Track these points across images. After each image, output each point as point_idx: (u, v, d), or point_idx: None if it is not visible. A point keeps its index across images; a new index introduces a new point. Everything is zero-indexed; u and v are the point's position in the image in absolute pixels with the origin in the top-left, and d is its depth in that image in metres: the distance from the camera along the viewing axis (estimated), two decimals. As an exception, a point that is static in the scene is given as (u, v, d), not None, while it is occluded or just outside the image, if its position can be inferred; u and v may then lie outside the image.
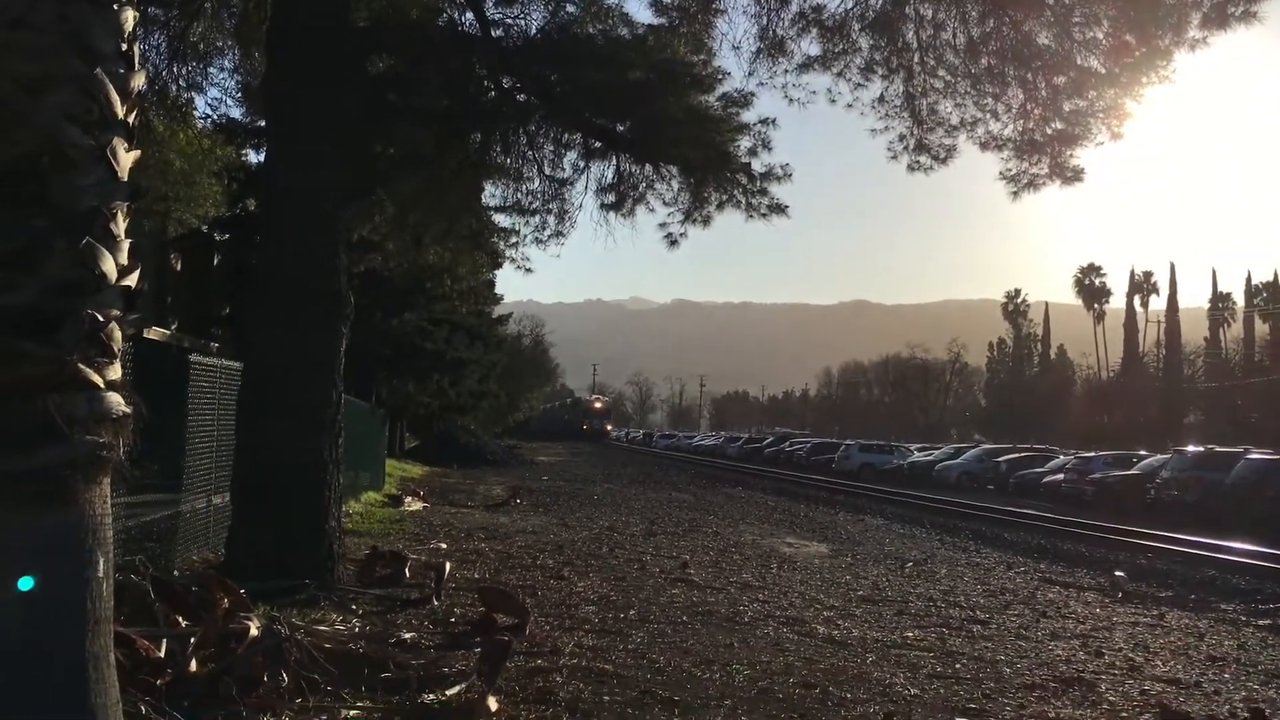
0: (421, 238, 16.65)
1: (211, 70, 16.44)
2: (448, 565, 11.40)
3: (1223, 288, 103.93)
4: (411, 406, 42.61)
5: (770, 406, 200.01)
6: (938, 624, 10.74)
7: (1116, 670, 8.84)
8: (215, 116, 22.96)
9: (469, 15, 13.20)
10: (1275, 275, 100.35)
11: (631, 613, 10.26)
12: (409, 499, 22.88)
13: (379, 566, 11.41)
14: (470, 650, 7.82)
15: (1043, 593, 13.85)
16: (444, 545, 15.26)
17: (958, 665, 8.62)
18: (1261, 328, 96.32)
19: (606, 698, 6.84)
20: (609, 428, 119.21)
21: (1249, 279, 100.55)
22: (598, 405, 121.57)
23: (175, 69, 15.42)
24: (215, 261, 34.56)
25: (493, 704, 6.22)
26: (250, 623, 6.48)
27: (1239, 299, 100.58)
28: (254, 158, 27.32)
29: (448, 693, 6.47)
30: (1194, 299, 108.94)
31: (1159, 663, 9.34)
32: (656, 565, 14.23)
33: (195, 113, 21.24)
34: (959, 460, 48.17)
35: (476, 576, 12.17)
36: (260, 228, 12.90)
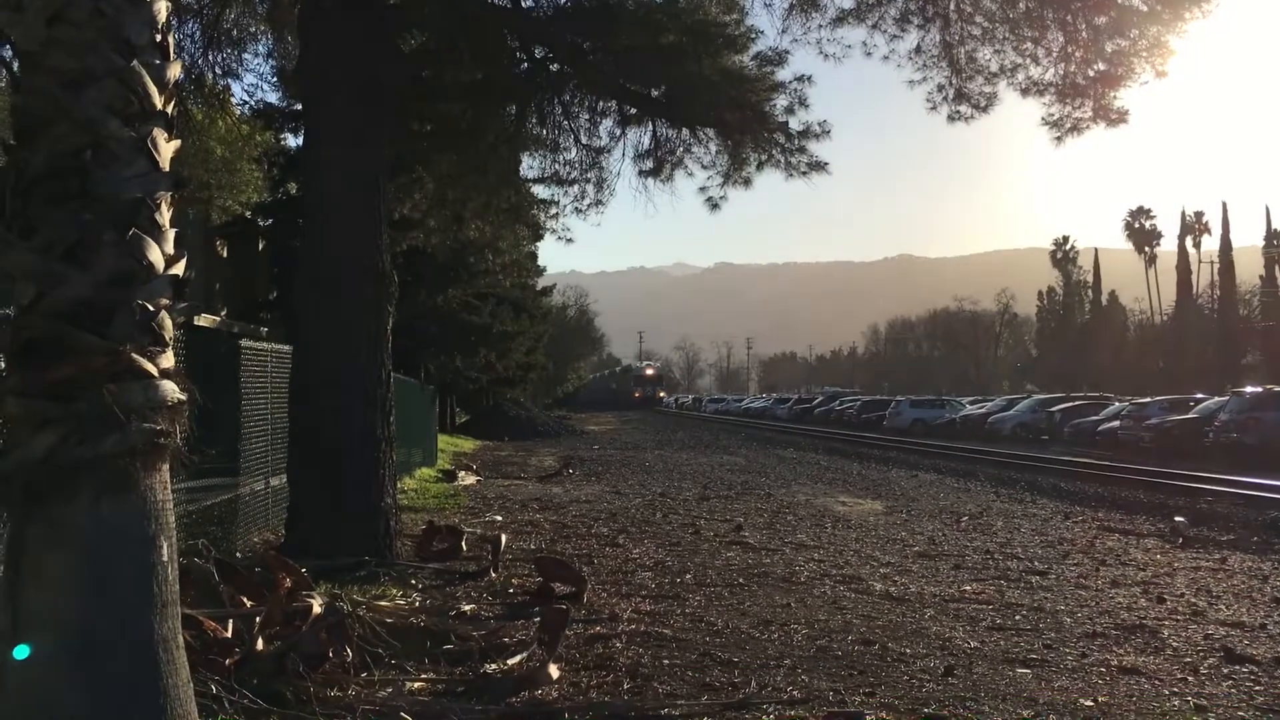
0: (461, 213, 16.68)
1: (246, 56, 16.58)
2: (504, 537, 11.51)
3: (1277, 225, 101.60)
4: (460, 382, 42.93)
5: (818, 366, 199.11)
6: (995, 576, 10.69)
7: (1179, 616, 8.76)
8: (253, 102, 23.16)
9: (499, -13, 13.15)
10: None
11: (687, 577, 10.31)
12: (462, 473, 23.09)
13: (436, 541, 11.53)
14: (529, 620, 7.90)
15: (1101, 541, 13.73)
16: (499, 517, 15.40)
17: (1017, 617, 8.58)
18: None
19: (666, 661, 6.88)
20: (662, 395, 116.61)
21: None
22: (649, 372, 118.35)
23: (210, 56, 15.51)
24: (260, 247, 34.91)
25: (554, 671, 6.29)
26: (313, 600, 6.58)
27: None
28: (293, 142, 27.48)
29: (509, 662, 6.55)
30: (1248, 238, 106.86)
31: (1222, 607, 9.23)
32: (710, 529, 14.28)
33: (233, 99, 21.43)
34: (1012, 412, 47.75)
35: (532, 547, 12.28)
36: (302, 211, 13.00)
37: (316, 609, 6.40)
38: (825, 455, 33.47)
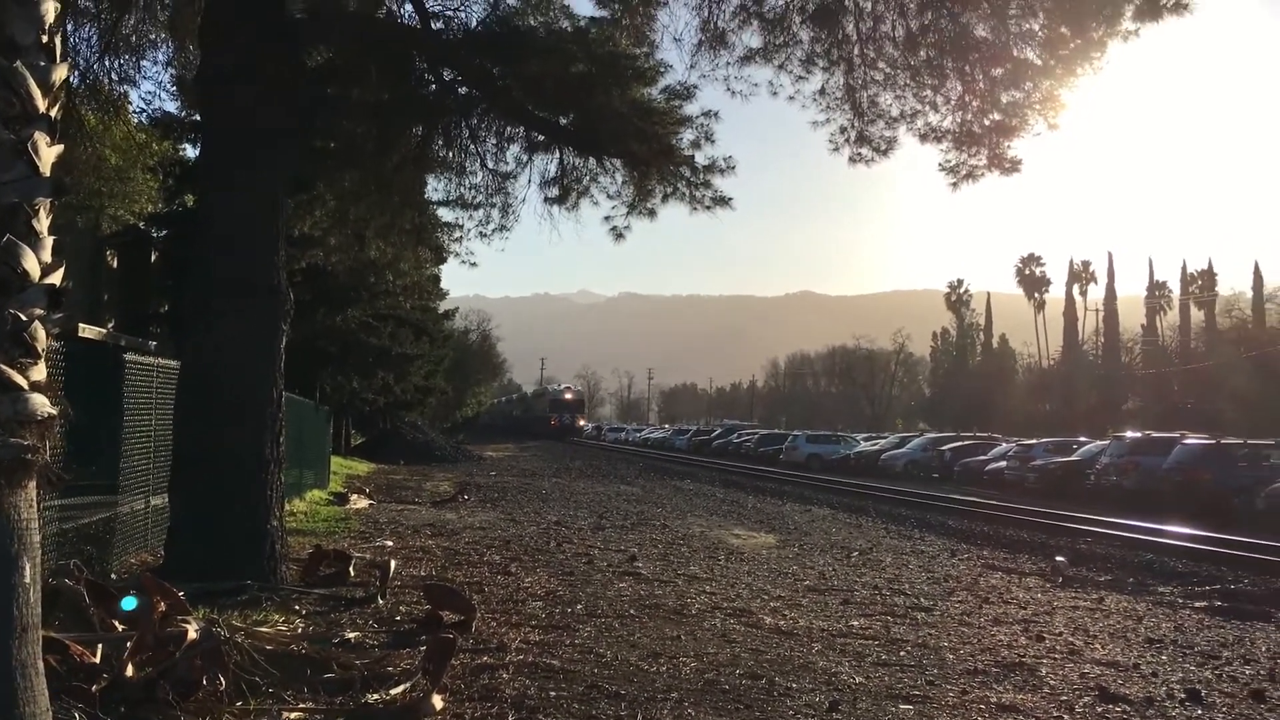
0: (363, 233, 16.49)
1: (145, 64, 16.18)
2: (393, 563, 11.30)
3: (1159, 276, 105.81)
4: (357, 403, 42.26)
5: (718, 398, 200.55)
6: (882, 612, 10.83)
7: (1057, 654, 8.97)
8: (150, 111, 22.58)
9: (408, 7, 13.10)
10: (1209, 264, 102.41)
11: (579, 607, 10.24)
12: (355, 496, 22.67)
13: (323, 565, 11.27)
14: (415, 649, 7.76)
15: (985, 579, 14.03)
16: (390, 543, 15.13)
17: (902, 653, 8.70)
18: (1197, 315, 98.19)
19: (553, 693, 6.81)
20: (581, 422, 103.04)
21: (1184, 268, 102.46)
22: (569, 396, 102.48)
23: (107, 62, 15.13)
24: (152, 258, 33.96)
25: (437, 702, 6.17)
26: (188, 625, 6.36)
27: (1174, 287, 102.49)
28: (191, 152, 26.86)
29: (392, 692, 6.41)
30: (1132, 288, 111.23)
31: (1098, 646, 9.49)
32: (604, 559, 14.22)
33: (130, 107, 20.87)
34: (904, 449, 48.70)
35: (422, 574, 12.07)
36: (198, 223, 12.68)
37: (192, 634, 6.18)
38: (722, 487, 33.67)
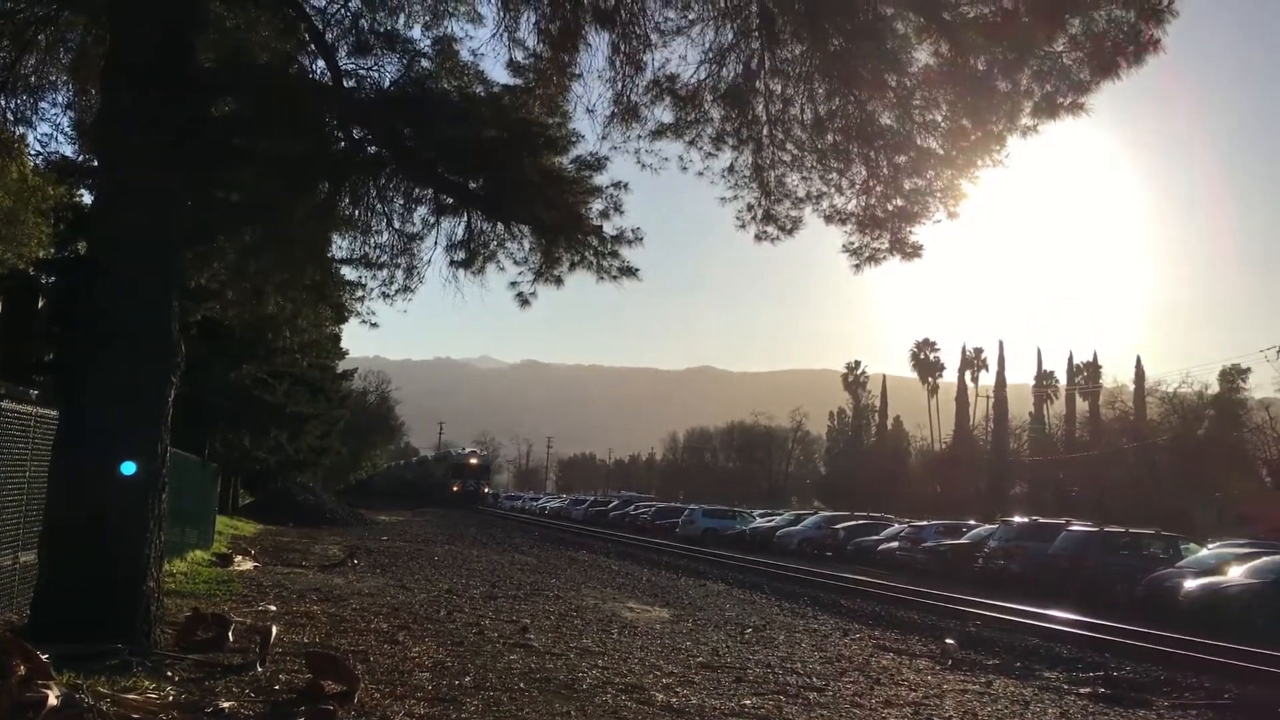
0: (262, 288, 16.13)
1: (44, 105, 15.73)
2: (274, 629, 10.90)
3: (1046, 366, 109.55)
4: (247, 461, 41.13)
5: (616, 469, 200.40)
6: (775, 691, 10.76)
7: (946, 737, 8.99)
8: (46, 153, 21.92)
9: (321, 64, 12.96)
10: (1094, 356, 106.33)
11: (467, 679, 9.97)
12: (239, 558, 21.94)
13: (200, 630, 10.81)
14: (294, 720, 7.44)
15: (877, 660, 14.07)
16: (273, 607, 14.62)
17: (794, 733, 8.63)
18: (1082, 405, 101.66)
19: (436, 770, 6.57)
20: (486, 489, 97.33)
21: (1070, 358, 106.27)
22: (473, 461, 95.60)
23: (4, 101, 14.69)
24: (40, 304, 32.81)
25: (314, 778, 5.91)
26: (49, 690, 6.01)
27: (1061, 377, 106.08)
28: (87, 198, 26.12)
29: (266, 766, 6.12)
30: (1021, 376, 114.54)
31: (986, 730, 9.54)
32: (495, 630, 13.92)
33: (26, 149, 20.25)
34: (799, 527, 49.00)
35: (306, 641, 11.66)
36: (89, 271, 12.27)
37: (52, 700, 5.85)
38: (617, 559, 33.42)
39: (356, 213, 14.07)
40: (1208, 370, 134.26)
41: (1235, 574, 24.70)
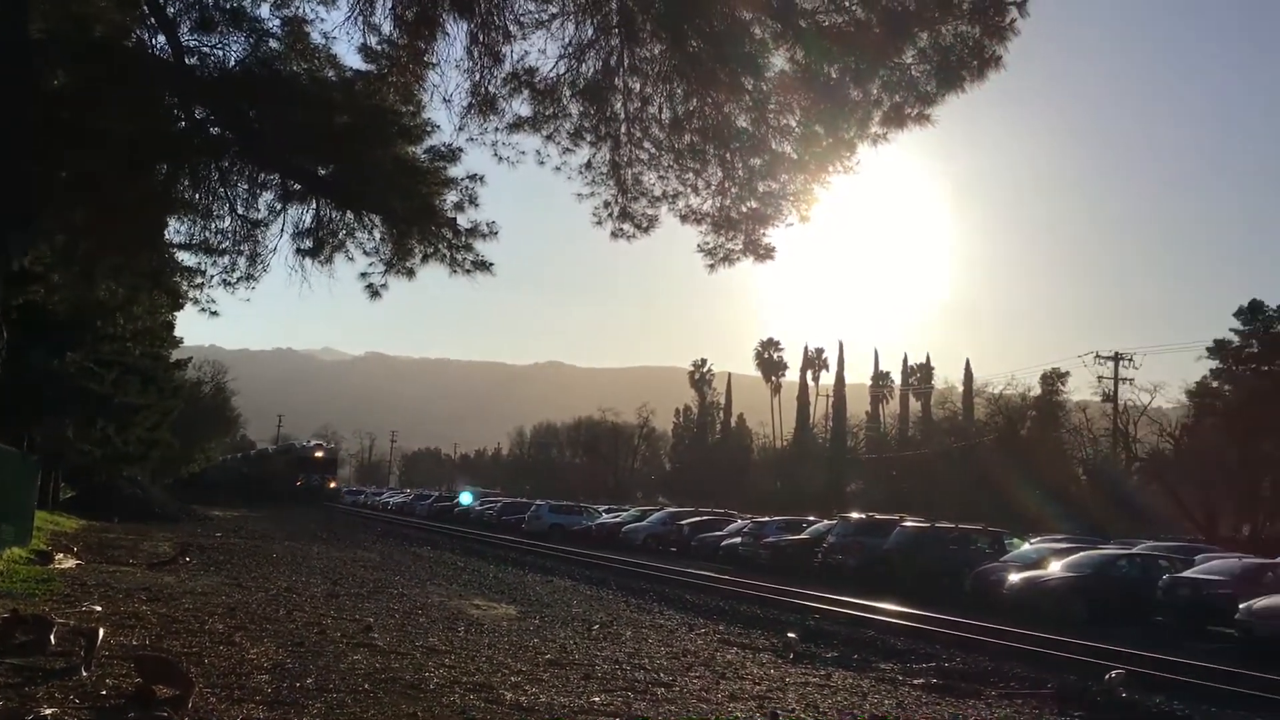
0: (93, 272, 15.36)
1: None
2: (101, 631, 10.36)
3: (883, 367, 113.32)
4: (71, 454, 39.05)
5: (463, 464, 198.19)
6: (623, 687, 10.79)
7: (790, 731, 9.17)
8: None
9: (161, 39, 12.40)
10: (927, 358, 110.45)
11: (309, 681, 9.67)
12: (60, 555, 20.80)
13: (19, 632, 10.20)
14: (123, 727, 7.09)
15: (722, 654, 14.27)
16: (98, 608, 13.90)
17: (643, 730, 8.66)
18: (915, 405, 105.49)
19: (277, 776, 6.35)
20: (333, 484, 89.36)
21: (905, 360, 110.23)
22: (319, 455, 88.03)
23: None
24: None
25: (146, 788, 5.63)
26: None
27: (896, 378, 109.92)
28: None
29: (93, 777, 5.80)
30: (859, 376, 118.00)
31: (828, 722, 9.78)
32: (338, 629, 13.56)
33: None
34: (644, 523, 49.40)
35: (135, 643, 11.12)
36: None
37: None
38: (463, 555, 33.07)
39: (197, 196, 13.54)
40: (1031, 373, 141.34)
41: (1054, 568, 26.06)
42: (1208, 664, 16.26)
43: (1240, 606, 20.94)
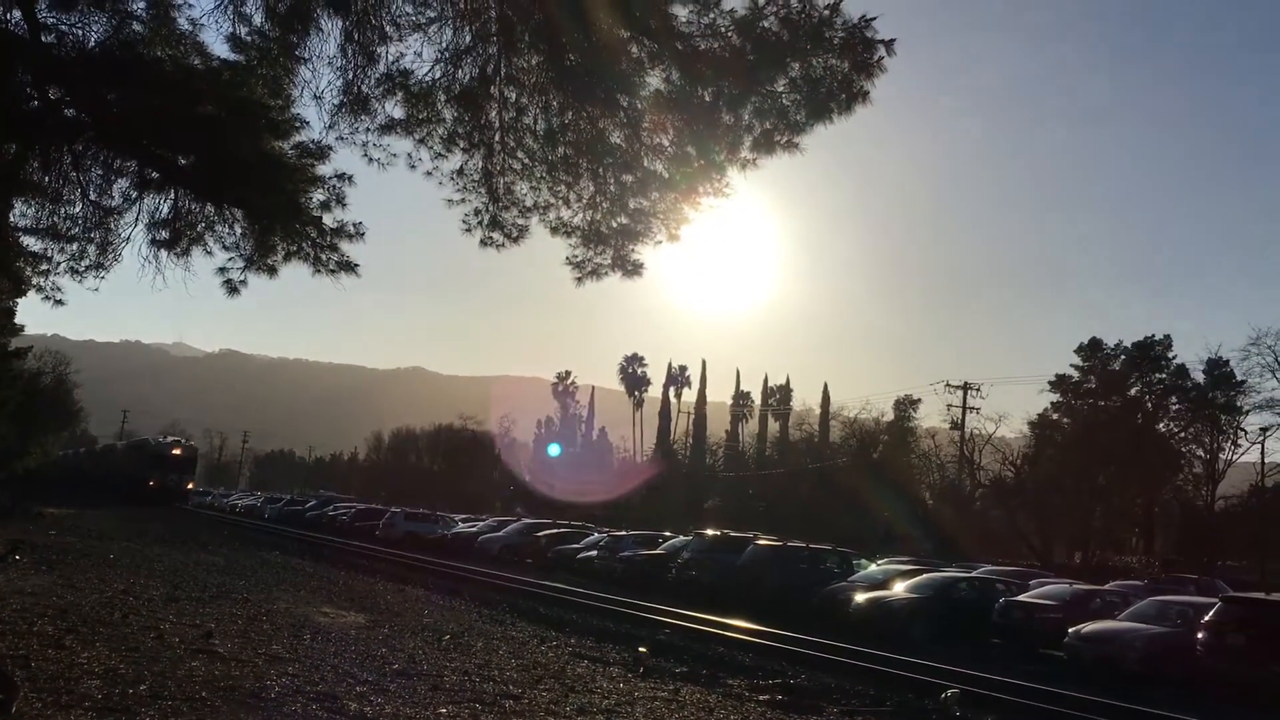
0: (-72, 251, 14.56)
1: None
2: (-81, 631, 9.81)
3: (744, 387, 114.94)
4: (-109, 443, 36.81)
5: (317, 467, 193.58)
6: (471, 699, 10.72)
7: (637, 744, 9.24)
8: None
9: (17, 13, 11.84)
10: (787, 380, 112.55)
11: (143, 688, 9.33)
12: (-125, 551, 19.60)
13: None
14: (-63, 733, 6.72)
15: (573, 667, 14.29)
16: (-84, 607, 13.16)
17: (488, 742, 8.62)
18: (773, 425, 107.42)
19: (104, 786, 6.11)
20: (190, 485, 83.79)
21: (765, 381, 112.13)
22: (176, 452, 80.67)
23: None
24: None
25: (-40, 798, 5.36)
26: None
27: (757, 398, 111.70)
28: None
29: (-98, 786, 5.50)
30: (721, 394, 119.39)
31: (674, 736, 9.88)
32: (176, 634, 13.11)
33: None
34: (502, 533, 49.09)
35: (-45, 645, 10.57)
36: None
37: None
38: (312, 561, 32.30)
39: (47, 179, 12.97)
40: (885, 399, 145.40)
41: (898, 588, 26.87)
42: (1035, 685, 16.98)
43: (1069, 631, 21.95)
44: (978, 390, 69.13)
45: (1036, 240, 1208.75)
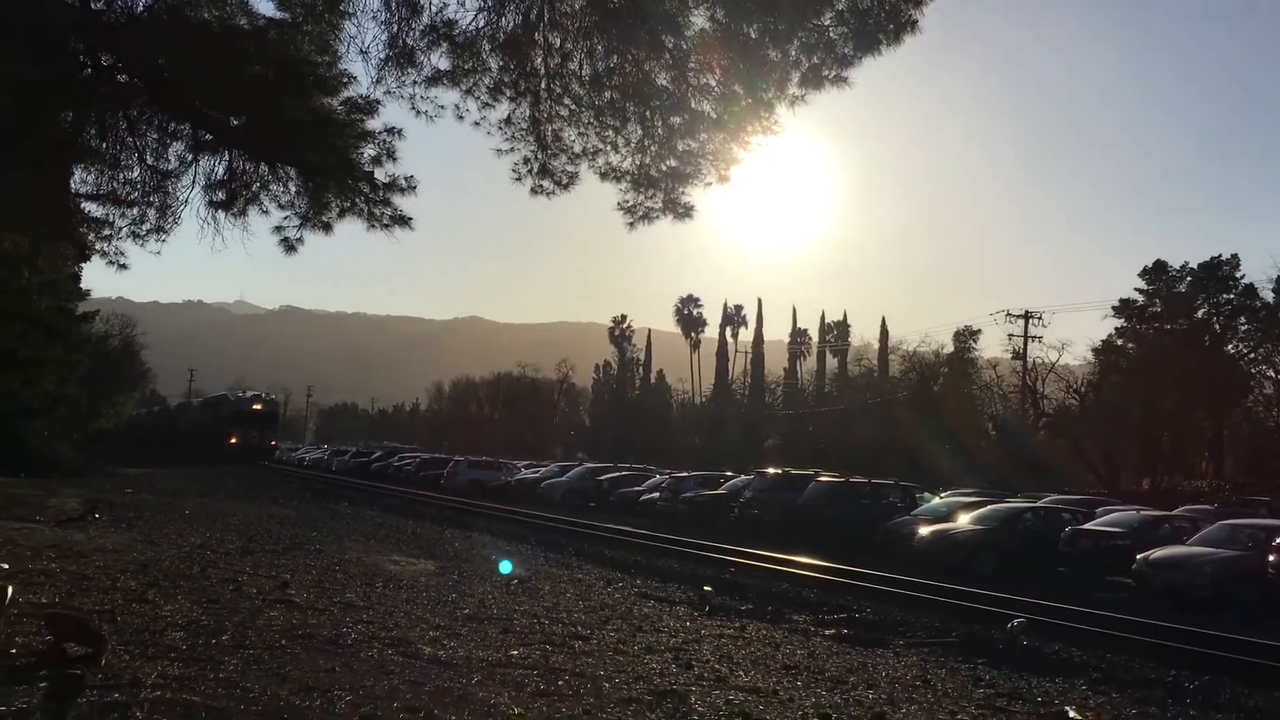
0: (-5, 223, 14.89)
1: None
2: (10, 589, 10.17)
3: (801, 324, 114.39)
4: (-29, 409, 37.90)
5: (380, 419, 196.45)
6: (541, 641, 10.92)
7: (705, 681, 9.38)
8: None
9: (66, -18, 11.98)
10: (844, 315, 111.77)
11: (225, 638, 9.63)
12: (-37, 513, 20.31)
13: (-78, 592, 9.97)
14: (34, 685, 7.01)
15: (639, 607, 14.49)
16: (5, 565, 13.61)
17: (560, 682, 8.80)
18: (832, 361, 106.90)
19: (193, 732, 6.35)
20: (273, 442, 79.73)
21: (823, 317, 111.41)
22: (258, 407, 76.54)
23: None
24: None
25: (59, 746, 5.60)
26: None
27: (814, 335, 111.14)
28: None
29: (4, 736, 5.76)
30: (778, 333, 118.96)
31: (742, 673, 10.01)
32: (254, 586, 13.48)
33: None
34: (564, 478, 49.59)
35: (45, 601, 10.95)
36: None
37: None
38: (380, 511, 32.92)
39: (104, 145, 13.14)
40: (944, 331, 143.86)
41: (963, 521, 26.81)
42: (1103, 612, 16.93)
43: (1138, 557, 21.80)
44: (1039, 318, 68.15)
45: (1096, 163, 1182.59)
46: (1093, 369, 74.86)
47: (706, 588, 17.53)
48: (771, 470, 38.95)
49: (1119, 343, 74.33)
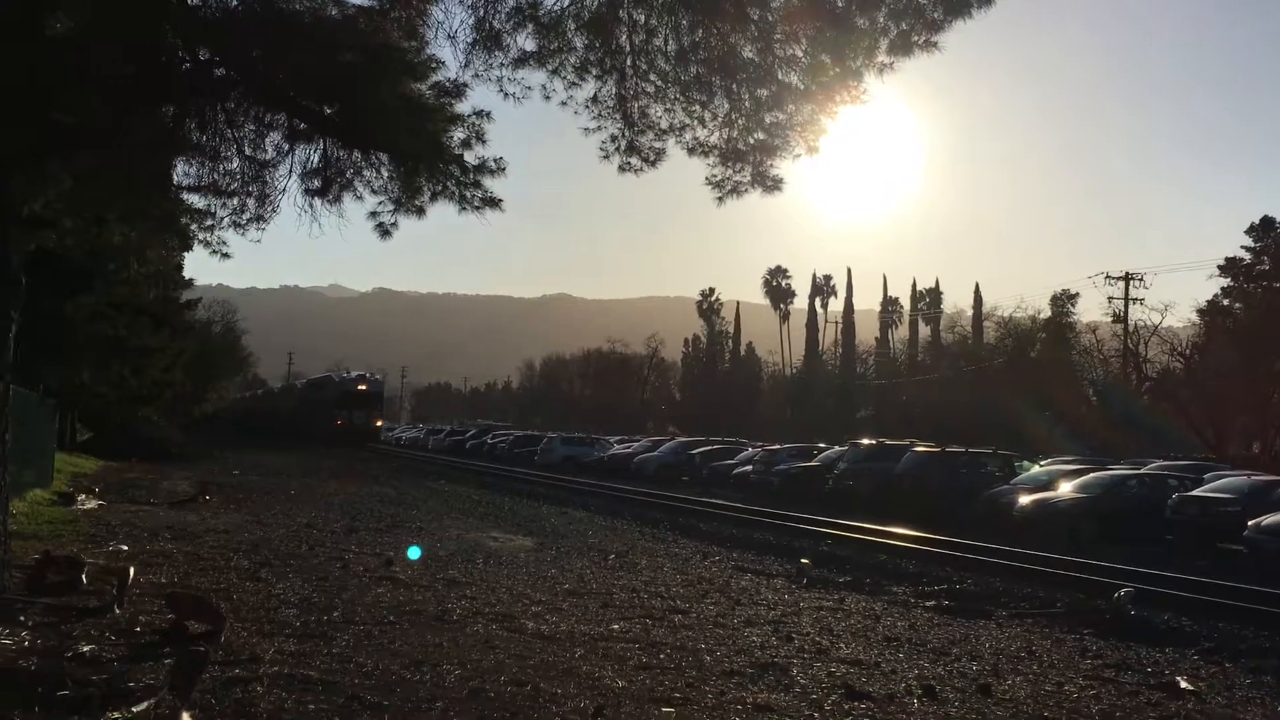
0: (105, 216, 15.37)
1: None
2: (131, 569, 10.61)
3: (892, 293, 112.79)
4: (86, 397, 39.37)
5: (473, 398, 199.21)
6: (641, 615, 11.03)
7: (806, 654, 9.40)
8: None
9: (162, -21, 12.27)
10: (936, 283, 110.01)
11: (335, 614, 9.93)
12: (83, 496, 21.15)
13: (51, 573, 10.46)
14: (159, 662, 7.32)
15: (736, 581, 14.53)
16: (125, 547, 14.21)
17: (661, 655, 8.89)
18: (924, 330, 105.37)
19: (311, 706, 6.58)
20: (380, 423, 76.46)
21: (914, 285, 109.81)
22: (363, 388, 73.41)
23: None
24: None
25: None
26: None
27: (906, 303, 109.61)
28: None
29: (135, 710, 6.03)
30: (868, 302, 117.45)
31: (842, 645, 10.00)
32: (360, 563, 13.85)
33: None
34: (656, 453, 49.75)
35: (164, 581, 11.40)
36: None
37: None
38: (477, 489, 33.45)
39: (204, 138, 13.46)
40: (1040, 296, 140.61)
41: (1064, 489, 26.26)
42: (1215, 580, 16.49)
43: (1249, 524, 21.14)
44: (1140, 280, 66.31)
45: (1198, 119, 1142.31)
46: (1198, 331, 72.47)
47: (804, 560, 17.49)
48: (866, 441, 38.56)
49: (1225, 303, 71.85)
